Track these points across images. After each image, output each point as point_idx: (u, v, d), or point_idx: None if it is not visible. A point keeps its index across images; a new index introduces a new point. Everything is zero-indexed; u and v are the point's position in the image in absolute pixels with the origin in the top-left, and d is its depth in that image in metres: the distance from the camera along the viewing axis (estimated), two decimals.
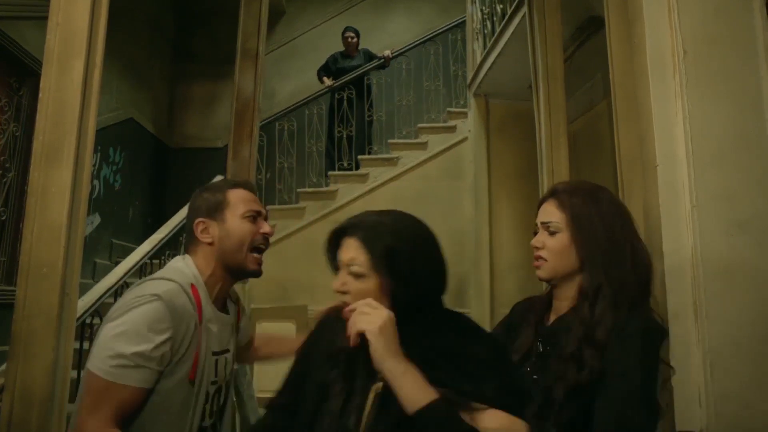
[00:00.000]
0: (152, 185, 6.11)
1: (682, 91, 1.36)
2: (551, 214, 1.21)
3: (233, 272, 1.38)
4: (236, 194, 1.38)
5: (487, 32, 4.49)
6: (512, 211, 4.58)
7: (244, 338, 1.59)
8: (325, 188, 5.06)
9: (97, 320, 2.99)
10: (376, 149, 5.57)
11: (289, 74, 6.64)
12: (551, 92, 2.72)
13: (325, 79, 5.59)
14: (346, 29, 5.72)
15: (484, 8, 4.61)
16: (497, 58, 4.08)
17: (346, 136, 5.33)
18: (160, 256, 4.07)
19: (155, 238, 4.02)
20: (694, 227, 1.30)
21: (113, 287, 3.38)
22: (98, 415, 1.15)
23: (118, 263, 3.99)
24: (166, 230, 4.12)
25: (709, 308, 1.26)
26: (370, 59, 5.59)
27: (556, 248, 1.19)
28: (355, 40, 5.66)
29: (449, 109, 5.30)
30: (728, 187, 1.31)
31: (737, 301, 1.26)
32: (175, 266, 1.35)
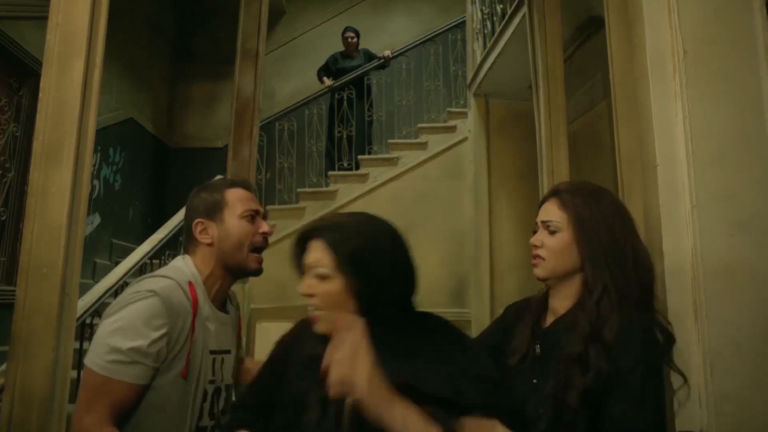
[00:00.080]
0: (152, 185, 6.11)
1: (682, 91, 1.36)
2: (552, 213, 1.20)
3: (233, 272, 1.38)
4: (234, 194, 1.37)
5: (487, 32, 4.49)
6: (512, 211, 4.58)
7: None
8: (325, 188, 5.06)
9: (97, 320, 3.00)
10: (376, 149, 5.56)
11: (289, 74, 6.64)
12: (551, 92, 2.72)
13: (325, 79, 5.59)
14: (346, 29, 5.72)
15: (484, 8, 4.61)
16: (497, 58, 4.08)
17: (346, 136, 5.32)
18: (160, 256, 4.07)
19: (155, 238, 4.03)
20: (694, 227, 1.30)
21: (113, 287, 3.39)
22: (94, 411, 1.15)
23: (118, 263, 4.00)
24: (166, 230, 4.12)
25: (709, 308, 1.26)
26: (370, 59, 5.59)
27: (555, 247, 1.18)
28: (355, 40, 5.66)
29: (449, 109, 5.29)
30: (728, 187, 1.31)
31: (737, 301, 1.26)
32: (174, 265, 1.36)
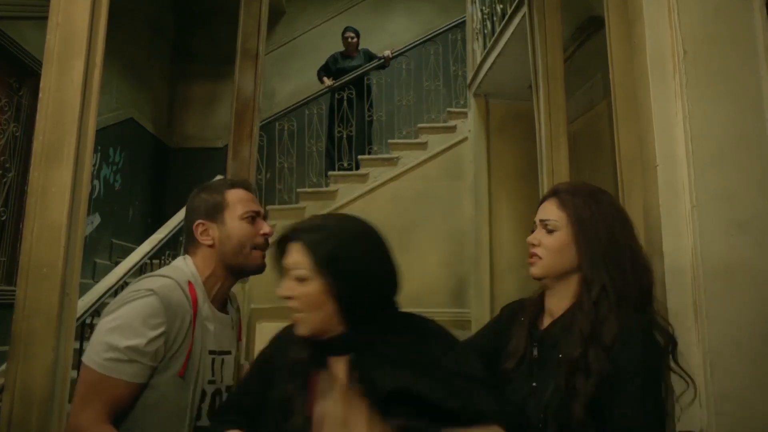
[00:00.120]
0: (152, 185, 6.11)
1: (682, 91, 1.36)
2: (551, 212, 1.20)
3: (235, 272, 1.38)
4: (234, 195, 1.37)
5: (487, 32, 4.49)
6: (512, 211, 4.58)
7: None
8: (325, 188, 5.06)
9: (97, 320, 2.99)
10: (376, 149, 5.56)
11: (289, 74, 6.64)
12: (551, 92, 2.72)
13: (325, 79, 5.59)
14: (346, 29, 5.72)
15: (484, 8, 4.60)
16: (497, 58, 4.08)
17: (346, 136, 5.32)
18: (160, 256, 4.07)
19: (155, 238, 4.03)
20: (694, 227, 1.30)
21: (113, 287, 3.39)
22: (91, 408, 1.16)
23: (118, 263, 4.00)
24: (166, 230, 4.12)
25: (709, 308, 1.26)
26: (370, 59, 5.59)
27: (552, 246, 1.18)
28: (355, 40, 5.66)
29: (449, 109, 5.29)
30: (728, 187, 1.31)
31: (737, 301, 1.26)
32: (174, 265, 1.36)
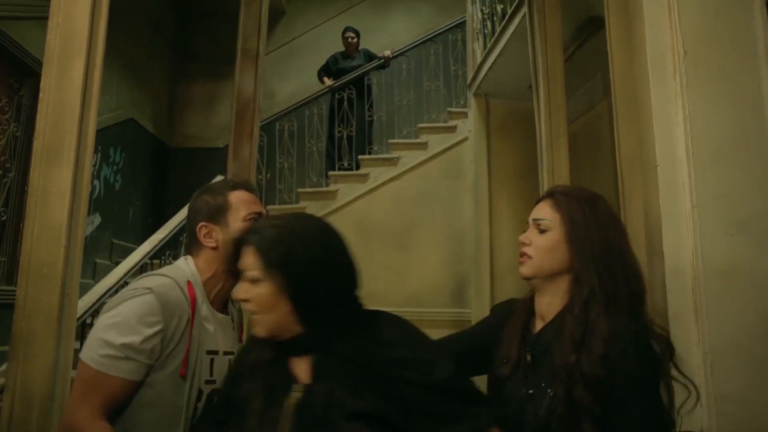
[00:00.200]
0: (152, 185, 6.11)
1: (682, 91, 1.36)
2: (544, 212, 1.20)
3: (237, 274, 1.38)
4: (237, 196, 1.38)
5: (487, 32, 4.49)
6: (512, 211, 4.57)
7: None
8: (325, 188, 5.06)
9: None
10: (376, 149, 5.56)
11: (289, 74, 6.64)
12: (551, 92, 2.72)
13: (325, 79, 5.59)
14: (346, 29, 5.72)
15: (484, 8, 4.60)
16: (497, 58, 4.08)
17: (346, 136, 5.32)
18: (160, 256, 4.07)
19: (155, 238, 4.03)
20: (694, 227, 1.30)
21: (113, 287, 3.39)
22: (87, 405, 1.17)
23: (118, 263, 4.00)
24: (166, 230, 4.12)
25: (709, 308, 1.26)
26: (370, 59, 5.59)
27: (543, 246, 1.18)
28: (355, 40, 5.66)
29: (449, 109, 5.29)
30: (728, 186, 1.31)
31: (738, 301, 1.26)
32: (175, 265, 1.37)
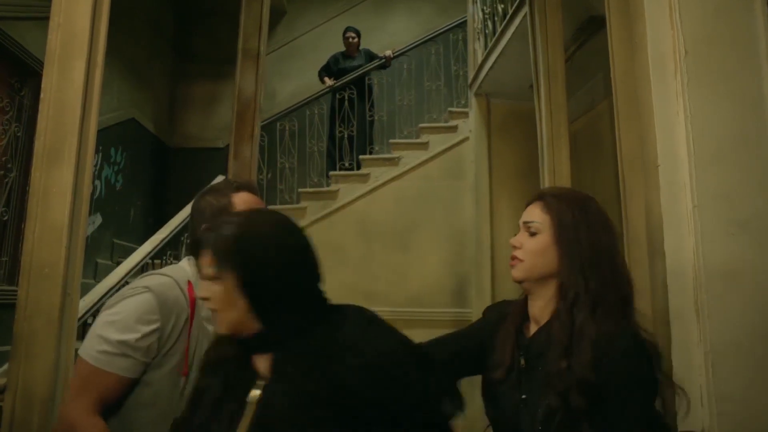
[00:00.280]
0: (153, 185, 6.12)
1: (683, 90, 1.36)
2: (534, 214, 1.19)
3: None
4: (240, 198, 1.37)
5: (488, 32, 4.49)
6: (513, 211, 4.57)
7: None
8: (326, 188, 5.05)
9: None
10: (377, 149, 5.56)
11: (290, 74, 6.64)
12: (552, 92, 2.72)
13: (326, 79, 5.59)
14: (346, 29, 5.72)
15: (485, 8, 4.60)
16: (498, 57, 4.08)
17: (347, 136, 5.32)
18: (161, 256, 4.07)
19: (156, 238, 4.03)
20: (695, 227, 1.30)
21: (115, 287, 3.39)
22: (82, 400, 1.18)
23: (119, 263, 4.00)
24: (167, 230, 4.13)
25: (710, 308, 1.26)
26: (371, 59, 5.59)
27: (533, 249, 1.16)
28: (356, 40, 5.66)
29: (450, 108, 5.28)
30: (730, 186, 1.31)
31: (739, 301, 1.26)
32: (177, 265, 1.38)
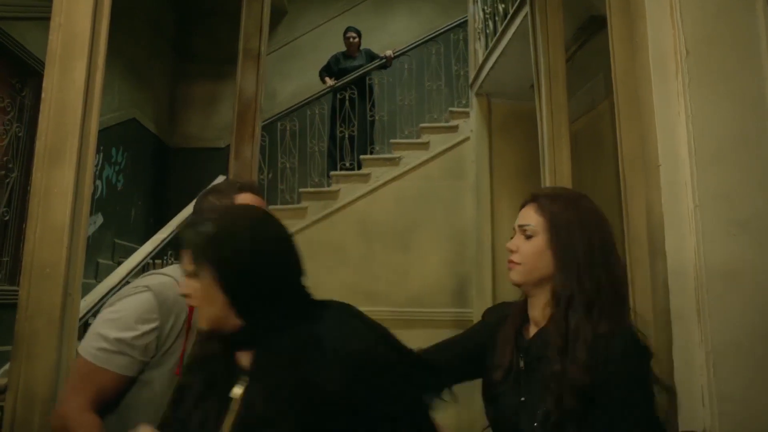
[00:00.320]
0: (154, 185, 6.12)
1: (684, 90, 1.36)
2: (529, 217, 1.19)
3: None
4: (243, 200, 1.37)
5: (488, 32, 4.48)
6: (514, 211, 4.44)
7: None
8: (327, 188, 5.05)
9: None
10: (378, 149, 5.56)
11: (290, 74, 6.64)
12: (553, 92, 2.72)
13: (327, 79, 5.59)
14: (347, 29, 5.72)
15: (485, 8, 4.60)
16: (499, 57, 4.08)
17: (348, 136, 5.32)
18: (162, 255, 4.07)
19: (157, 238, 4.03)
20: (696, 227, 1.30)
21: (116, 287, 3.39)
22: (78, 396, 1.19)
23: (120, 263, 4.01)
24: (168, 230, 4.12)
25: (712, 308, 1.26)
26: (371, 59, 5.59)
27: (529, 252, 1.16)
28: (356, 40, 5.66)
29: (451, 108, 5.28)
30: (731, 186, 1.31)
31: (740, 301, 1.26)
32: (177, 264, 1.37)
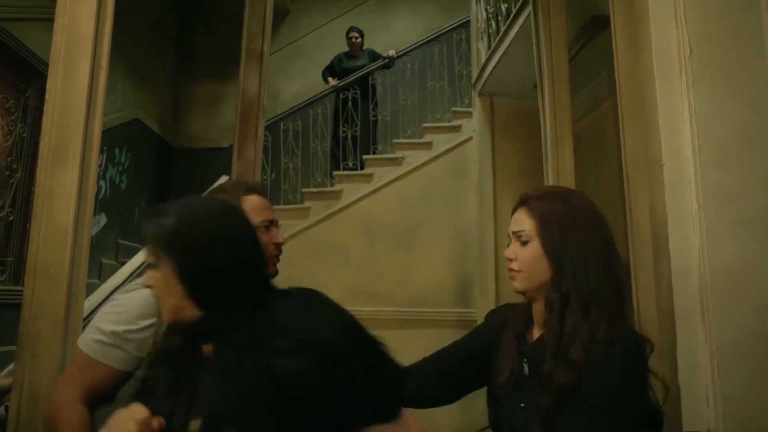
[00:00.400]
0: (158, 185, 6.13)
1: (688, 89, 1.36)
2: (522, 222, 1.13)
3: None
4: (250, 203, 1.34)
5: (491, 32, 4.48)
6: None
7: None
8: (330, 188, 5.05)
9: None
10: (380, 149, 5.56)
11: (293, 74, 6.64)
12: (556, 91, 2.71)
13: (329, 79, 5.60)
14: (350, 29, 5.72)
15: (488, 8, 4.60)
16: (502, 57, 4.07)
17: (350, 136, 5.32)
18: None
19: None
20: (700, 227, 1.30)
21: (119, 287, 3.41)
22: (71, 387, 1.19)
23: (124, 263, 4.02)
24: None
25: (716, 308, 1.25)
26: (374, 59, 5.58)
27: (528, 258, 1.10)
28: (359, 40, 5.66)
29: (454, 108, 5.27)
30: (735, 186, 1.30)
31: (745, 300, 1.26)
32: None
